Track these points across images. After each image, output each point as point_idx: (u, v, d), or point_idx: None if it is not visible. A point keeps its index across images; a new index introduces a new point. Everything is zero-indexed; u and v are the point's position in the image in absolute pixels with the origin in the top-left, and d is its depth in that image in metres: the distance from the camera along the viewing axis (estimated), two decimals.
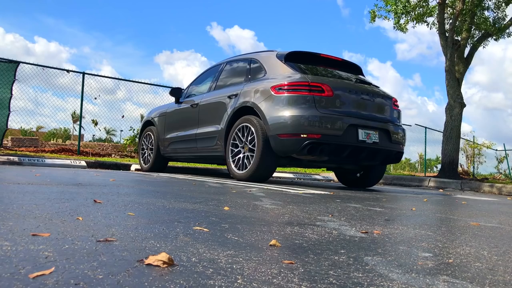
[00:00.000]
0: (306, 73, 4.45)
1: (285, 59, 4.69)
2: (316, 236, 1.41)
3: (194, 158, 5.99)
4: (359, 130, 4.30)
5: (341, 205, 2.54)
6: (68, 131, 43.58)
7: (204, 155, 5.50)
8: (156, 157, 6.34)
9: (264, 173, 4.47)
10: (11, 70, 8.14)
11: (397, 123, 4.83)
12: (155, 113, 6.72)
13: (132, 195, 2.39)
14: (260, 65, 4.91)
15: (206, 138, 5.27)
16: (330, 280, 0.88)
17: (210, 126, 5.21)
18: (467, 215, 2.45)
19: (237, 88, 4.91)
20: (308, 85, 4.20)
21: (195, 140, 5.50)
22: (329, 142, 4.13)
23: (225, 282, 0.81)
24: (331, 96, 4.23)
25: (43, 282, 0.73)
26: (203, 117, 5.41)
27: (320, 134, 4.09)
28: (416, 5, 10.99)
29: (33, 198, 1.91)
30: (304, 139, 4.07)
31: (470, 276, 1.00)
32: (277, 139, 4.20)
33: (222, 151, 4.93)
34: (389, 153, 4.62)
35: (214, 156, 5.31)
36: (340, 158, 4.41)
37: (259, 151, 4.29)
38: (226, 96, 5.01)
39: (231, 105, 4.84)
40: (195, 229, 1.38)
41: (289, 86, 4.25)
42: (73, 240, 1.09)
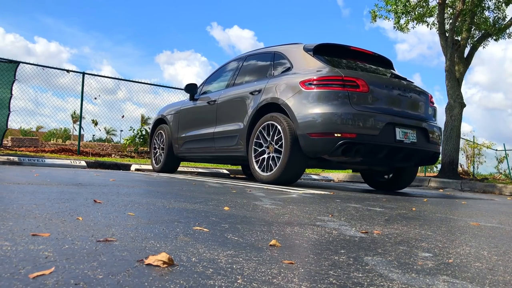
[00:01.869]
0: (338, 67, 4.13)
1: (314, 52, 4.36)
2: (316, 236, 1.41)
3: (210, 158, 5.68)
4: (397, 129, 3.97)
5: (341, 205, 2.54)
6: (68, 131, 43.59)
7: (222, 156, 5.16)
8: (167, 157, 6.07)
9: (292, 175, 4.17)
10: (11, 70, 8.14)
11: (433, 121, 4.49)
12: (167, 110, 6.41)
13: (132, 195, 2.39)
14: (285, 58, 4.57)
15: (225, 137, 4.94)
16: (330, 280, 0.88)
17: (230, 125, 4.88)
18: (467, 215, 2.45)
19: (260, 84, 4.55)
20: (342, 80, 3.86)
21: (213, 140, 5.17)
22: (365, 142, 3.80)
23: (225, 282, 0.81)
24: (366, 92, 3.89)
25: (43, 282, 0.73)
26: (222, 115, 5.06)
27: (355, 133, 3.76)
28: (416, 5, 11.00)
29: (33, 198, 1.91)
30: (338, 138, 3.75)
31: (470, 276, 1.00)
32: (307, 139, 3.88)
33: (244, 151, 4.60)
34: (426, 153, 4.30)
35: (234, 157, 4.98)
36: (375, 160, 4.09)
37: (287, 151, 3.97)
38: (248, 92, 4.66)
39: (254, 102, 4.50)
40: (195, 229, 1.38)
41: (320, 81, 3.92)
42: (73, 240, 1.09)
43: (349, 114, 3.78)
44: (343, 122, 3.77)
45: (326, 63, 4.18)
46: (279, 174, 4.07)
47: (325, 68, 4.08)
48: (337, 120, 3.77)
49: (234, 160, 5.42)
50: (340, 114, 3.78)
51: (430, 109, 4.48)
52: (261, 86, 4.49)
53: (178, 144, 5.90)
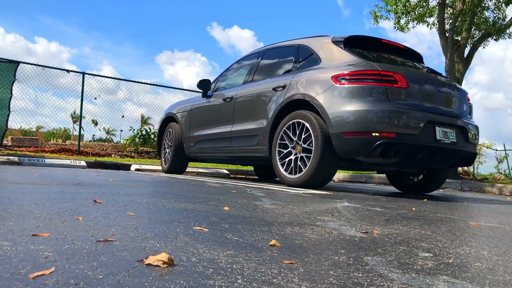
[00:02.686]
0: (371, 61, 3.83)
1: (345, 44, 4.06)
2: (316, 236, 1.41)
3: (227, 159, 5.38)
4: (436, 128, 3.67)
5: (341, 205, 2.54)
6: (68, 131, 43.60)
7: (241, 156, 4.84)
8: (175, 157, 5.80)
9: (323, 178, 3.86)
10: (11, 70, 8.14)
11: (471, 119, 4.21)
12: (177, 108, 6.11)
13: (132, 195, 2.39)
14: (311, 52, 4.25)
15: (244, 136, 4.61)
16: (330, 280, 0.88)
17: (249, 123, 4.56)
18: (467, 215, 2.45)
19: (285, 79, 4.23)
20: (379, 74, 3.55)
21: (230, 139, 4.85)
22: (404, 142, 3.49)
23: (225, 282, 0.81)
24: (405, 88, 3.59)
25: (43, 282, 0.73)
26: (240, 113, 4.74)
27: (394, 132, 3.45)
28: (416, 5, 11.00)
29: (33, 198, 1.91)
30: (376, 138, 3.43)
31: (470, 276, 1.00)
32: (341, 138, 3.57)
33: (266, 151, 4.30)
34: (465, 154, 4.00)
35: (254, 157, 4.68)
36: (413, 161, 3.80)
37: (318, 152, 3.65)
38: (271, 88, 4.33)
39: (278, 99, 4.18)
40: (195, 229, 1.38)
41: (356, 75, 3.61)
42: (73, 240, 1.09)
43: (387, 111, 3.46)
44: (382, 121, 3.46)
45: (359, 57, 3.88)
46: (309, 177, 3.74)
47: (359, 61, 3.79)
48: (375, 118, 3.46)
49: (254, 160, 5.18)
50: (378, 111, 3.47)
51: (467, 106, 4.20)
52: (286, 82, 4.18)
53: (189, 144, 5.63)
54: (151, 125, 13.71)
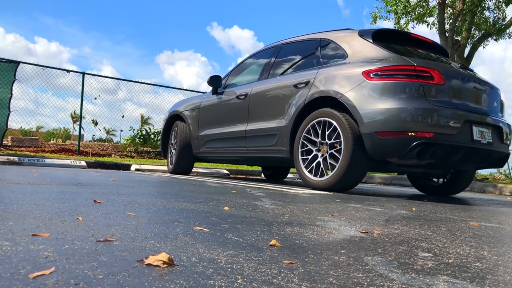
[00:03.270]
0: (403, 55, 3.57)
1: (373, 38, 3.82)
2: (316, 236, 1.41)
3: (240, 159, 5.11)
4: (473, 127, 3.47)
5: (341, 205, 2.54)
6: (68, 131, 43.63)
7: (257, 157, 4.59)
8: (180, 157, 5.57)
9: (352, 180, 3.62)
10: (11, 70, 8.14)
11: (503, 118, 4.00)
12: (184, 105, 5.84)
13: (132, 195, 2.39)
14: (336, 46, 3.99)
15: (261, 136, 4.36)
16: (330, 280, 0.88)
17: (267, 122, 4.29)
18: (467, 215, 2.45)
19: (308, 75, 3.96)
20: (414, 70, 3.32)
21: (244, 139, 4.59)
22: (442, 142, 3.28)
23: (225, 282, 0.81)
24: (442, 84, 3.36)
25: (43, 282, 0.73)
26: (256, 111, 4.48)
27: (432, 132, 3.22)
28: (416, 5, 11.01)
29: (33, 198, 1.91)
30: (413, 138, 3.20)
31: (470, 276, 1.00)
32: (374, 138, 3.33)
33: (287, 152, 4.05)
34: (500, 155, 3.79)
35: (273, 158, 4.43)
36: (448, 163, 3.62)
37: (348, 153, 3.41)
38: (291, 84, 4.07)
39: (300, 96, 3.91)
40: (195, 229, 1.38)
41: (389, 71, 3.38)
42: (73, 240, 1.09)
43: (425, 109, 3.23)
44: (418, 119, 3.22)
45: (390, 51, 3.65)
46: (337, 180, 3.49)
47: (391, 56, 3.55)
48: (412, 116, 3.23)
49: (272, 161, 4.91)
50: (415, 109, 3.23)
51: (499, 103, 3.98)
52: (309, 78, 3.91)
53: (198, 143, 5.38)
54: (151, 125, 13.72)
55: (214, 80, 5.27)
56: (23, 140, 12.06)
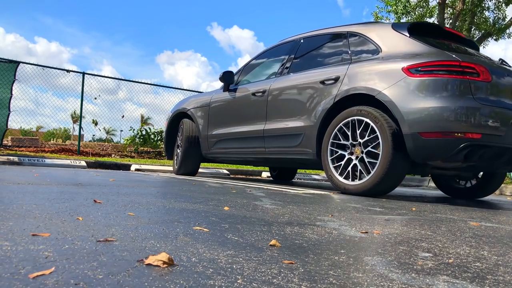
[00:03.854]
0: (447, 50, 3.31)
1: (410, 32, 3.56)
2: (316, 236, 1.41)
3: (256, 160, 4.81)
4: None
5: (341, 205, 2.54)
6: (68, 131, 43.64)
7: (277, 158, 4.31)
8: (186, 157, 5.29)
9: (391, 184, 3.34)
10: (11, 70, 8.14)
11: None
12: (191, 103, 5.52)
13: (132, 195, 2.39)
14: (367, 40, 3.73)
15: (282, 136, 4.09)
16: (330, 280, 0.88)
17: (289, 121, 4.01)
18: (467, 215, 2.45)
19: (337, 71, 3.69)
20: (460, 66, 3.09)
21: (262, 138, 4.30)
22: (491, 144, 3.07)
23: (225, 282, 0.81)
24: (488, 81, 3.14)
25: (43, 282, 0.73)
26: (275, 109, 4.19)
27: (480, 133, 3.00)
28: (416, 5, 11.01)
29: (33, 198, 1.91)
30: (460, 140, 2.98)
31: (470, 276, 1.00)
32: (417, 140, 3.07)
33: (313, 153, 3.77)
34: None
35: (295, 160, 4.14)
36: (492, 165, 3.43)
37: (387, 155, 3.14)
38: (318, 81, 3.79)
39: (329, 93, 3.64)
40: (195, 229, 1.38)
41: (433, 67, 3.14)
42: (73, 240, 1.09)
43: (472, 109, 3.00)
44: (466, 119, 2.99)
45: (429, 45, 3.39)
46: (375, 183, 3.20)
47: (432, 51, 3.30)
48: (458, 116, 3.00)
49: (294, 163, 4.65)
50: (462, 108, 2.99)
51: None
52: (339, 74, 3.64)
53: (208, 143, 5.08)
54: (151, 125, 13.72)
55: (227, 76, 4.95)
56: (23, 140, 12.06)
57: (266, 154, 4.34)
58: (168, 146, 5.94)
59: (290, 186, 4.56)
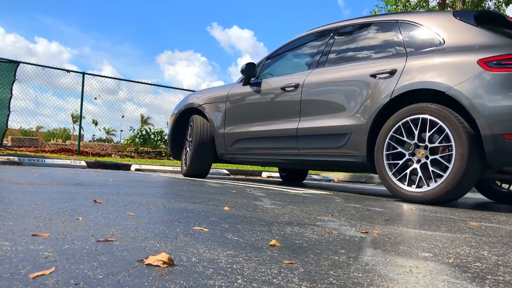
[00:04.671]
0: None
1: (476, 21, 3.22)
2: (316, 236, 1.41)
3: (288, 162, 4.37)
4: None
5: (341, 205, 2.54)
6: (68, 131, 43.66)
7: (315, 160, 3.87)
8: (196, 157, 4.81)
9: (463, 191, 2.97)
10: (11, 70, 8.15)
11: None
12: (204, 97, 5.03)
13: (132, 195, 2.39)
14: (424, 29, 3.36)
15: (322, 135, 3.66)
16: (330, 280, 0.88)
17: (331, 118, 3.59)
18: (467, 215, 2.45)
19: (392, 63, 3.30)
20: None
21: (295, 138, 3.87)
22: None
23: (225, 282, 0.81)
24: None
25: (43, 282, 0.73)
26: (312, 105, 3.78)
27: None
28: (416, 5, 11.01)
29: (33, 198, 1.91)
30: None
31: (470, 276, 1.00)
32: (500, 142, 2.74)
33: (361, 155, 3.37)
34: None
35: (339, 163, 3.72)
36: None
37: (462, 158, 2.79)
38: (367, 74, 3.39)
39: (384, 88, 3.25)
40: (195, 229, 1.38)
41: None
42: (73, 240, 1.09)
43: None
44: None
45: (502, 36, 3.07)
46: (446, 191, 2.84)
47: (509, 42, 2.98)
48: None
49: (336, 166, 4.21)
50: None
51: None
52: (395, 66, 3.25)
53: (224, 142, 4.64)
54: (151, 125, 13.74)
55: (249, 68, 4.46)
56: (23, 140, 12.07)
57: (299, 156, 3.92)
58: (174, 145, 5.44)
59: (290, 186, 4.56)
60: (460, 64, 2.97)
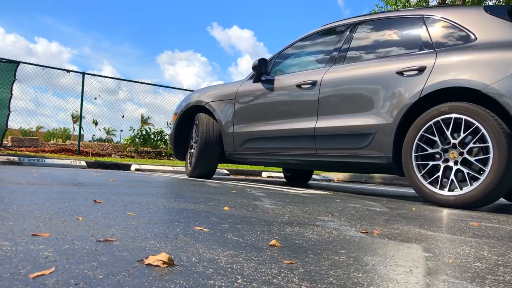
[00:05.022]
0: None
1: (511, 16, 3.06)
2: (316, 236, 1.42)
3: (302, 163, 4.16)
4: None
5: (341, 205, 2.54)
6: (68, 131, 43.66)
7: (334, 162, 3.69)
8: (201, 158, 4.61)
9: (499, 196, 2.82)
10: (11, 70, 8.15)
11: None
12: (211, 94, 4.79)
13: (132, 195, 2.39)
14: (454, 25, 3.21)
15: (343, 135, 3.47)
16: (330, 280, 0.88)
17: (353, 117, 3.41)
18: (467, 215, 2.45)
19: (420, 59, 3.15)
20: None
21: (313, 138, 3.67)
22: None
23: (225, 282, 0.81)
24: None
25: (43, 282, 0.73)
26: (332, 103, 3.59)
27: None
28: (416, 5, 11.00)
29: (33, 198, 1.91)
30: None
31: (470, 276, 1.00)
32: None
33: (387, 157, 3.20)
34: None
35: (361, 164, 3.54)
36: None
37: (501, 160, 2.65)
38: (393, 71, 3.23)
39: (412, 86, 3.08)
40: (195, 229, 1.38)
41: None
42: (73, 240, 1.09)
43: None
44: None
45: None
46: (484, 194, 2.70)
47: None
48: None
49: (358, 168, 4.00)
50: None
51: None
52: (424, 63, 3.10)
53: (234, 142, 4.44)
54: (151, 125, 13.74)
55: (262, 64, 4.25)
56: (23, 140, 12.07)
57: (316, 156, 3.73)
58: (177, 144, 5.19)
59: (290, 186, 4.56)
60: (496, 61, 2.83)
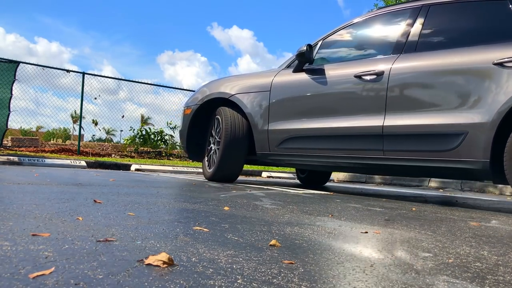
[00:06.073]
0: None
1: None
2: (316, 236, 1.42)
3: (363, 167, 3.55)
4: None
5: (341, 205, 2.54)
6: (67, 131, 43.67)
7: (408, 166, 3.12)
8: (226, 158, 3.97)
9: None
10: (11, 70, 8.15)
11: None
12: (237, 85, 4.14)
13: (132, 195, 2.39)
14: None
15: (423, 135, 2.96)
16: (330, 280, 0.88)
17: (436, 115, 2.91)
18: (467, 215, 2.45)
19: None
20: None
21: (380, 138, 3.14)
22: None
23: (225, 282, 0.81)
24: None
25: (43, 282, 0.73)
26: (406, 98, 3.09)
27: None
28: None
29: (33, 198, 1.91)
30: None
31: (470, 276, 1.00)
32: None
33: (483, 162, 2.70)
34: None
35: (446, 169, 2.97)
36: None
37: None
38: (489, 61, 2.73)
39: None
40: (195, 229, 1.38)
41: None
42: (73, 240, 1.09)
43: None
44: None
45: None
46: None
47: None
48: None
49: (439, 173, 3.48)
50: None
51: None
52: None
53: (269, 141, 3.83)
54: (151, 125, 13.74)
55: (309, 52, 3.62)
56: (23, 140, 12.07)
57: (383, 160, 3.19)
58: (190, 143, 4.52)
59: (290, 186, 4.56)
60: None
